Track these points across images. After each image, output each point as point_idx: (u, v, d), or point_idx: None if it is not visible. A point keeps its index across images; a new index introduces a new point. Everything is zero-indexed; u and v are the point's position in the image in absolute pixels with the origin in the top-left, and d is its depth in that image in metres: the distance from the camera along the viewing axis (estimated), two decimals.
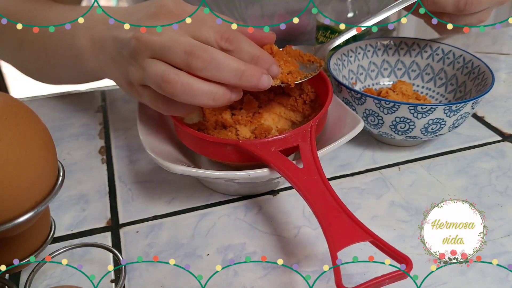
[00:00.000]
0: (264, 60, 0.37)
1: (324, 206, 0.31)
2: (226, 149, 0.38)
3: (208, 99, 0.35)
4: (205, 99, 0.35)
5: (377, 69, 0.54)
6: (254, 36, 0.39)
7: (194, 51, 0.34)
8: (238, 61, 0.35)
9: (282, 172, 0.34)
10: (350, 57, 0.52)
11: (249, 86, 0.36)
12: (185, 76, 0.34)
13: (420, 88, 0.53)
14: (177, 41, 0.34)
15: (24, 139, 0.28)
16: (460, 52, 0.50)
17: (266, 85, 0.36)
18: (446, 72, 0.52)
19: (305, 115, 0.44)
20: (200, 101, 0.35)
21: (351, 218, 0.31)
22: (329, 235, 0.30)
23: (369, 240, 0.30)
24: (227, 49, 0.36)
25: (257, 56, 0.37)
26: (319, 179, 0.33)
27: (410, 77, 0.54)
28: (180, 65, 0.35)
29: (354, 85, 0.53)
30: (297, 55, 0.44)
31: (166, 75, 0.34)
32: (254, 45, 0.37)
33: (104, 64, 0.42)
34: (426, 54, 0.53)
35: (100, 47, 0.42)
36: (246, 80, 0.35)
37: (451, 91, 0.51)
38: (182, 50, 0.34)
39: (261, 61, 0.37)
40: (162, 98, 0.37)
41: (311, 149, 0.36)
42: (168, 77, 0.34)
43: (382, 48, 0.53)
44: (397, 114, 0.42)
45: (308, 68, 0.43)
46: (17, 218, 0.28)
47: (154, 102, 0.38)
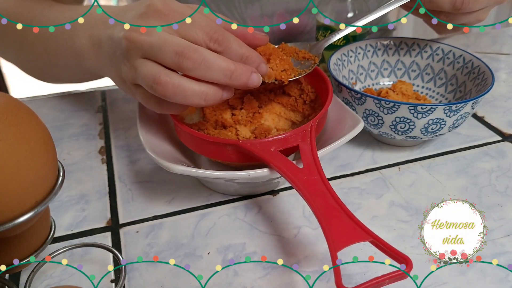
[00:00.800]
0: (253, 59, 0.38)
1: (324, 206, 0.31)
2: (226, 149, 0.38)
3: (200, 99, 0.35)
4: (197, 99, 0.35)
5: (377, 69, 0.54)
6: (246, 37, 0.39)
7: (185, 52, 0.34)
8: (228, 60, 0.35)
9: (282, 172, 0.34)
10: (350, 57, 0.52)
11: (239, 85, 0.36)
12: (176, 77, 0.35)
13: (420, 88, 0.53)
14: (167, 42, 0.35)
15: (24, 139, 0.28)
16: (460, 52, 0.50)
17: (256, 83, 0.37)
18: (446, 72, 0.52)
19: (305, 115, 0.44)
20: (192, 101, 0.35)
21: (351, 218, 0.31)
22: (329, 235, 0.30)
23: (369, 240, 0.30)
24: (216, 50, 0.36)
25: (246, 56, 0.37)
26: (319, 179, 0.33)
27: (410, 77, 0.54)
28: (171, 66, 0.35)
29: (354, 85, 0.53)
30: (293, 52, 0.44)
31: (157, 76, 0.34)
32: (243, 45, 0.38)
33: (102, 63, 0.43)
34: (426, 54, 0.53)
35: (98, 46, 0.42)
36: (236, 79, 0.36)
37: (451, 91, 0.51)
38: (172, 51, 0.34)
39: (250, 60, 0.38)
40: (155, 98, 0.37)
41: (311, 149, 0.36)
42: (160, 79, 0.34)
43: (382, 48, 0.53)
44: (397, 114, 0.42)
45: (302, 65, 0.43)
46: (17, 218, 0.28)
47: (147, 101, 0.38)
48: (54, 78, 0.55)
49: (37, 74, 0.56)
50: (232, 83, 0.36)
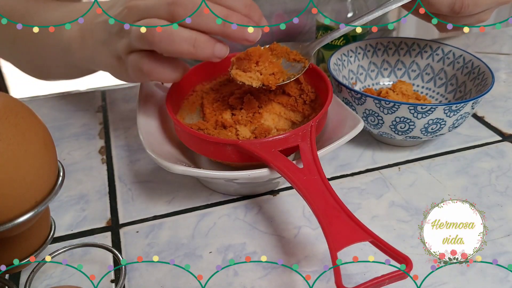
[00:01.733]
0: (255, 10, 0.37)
1: (324, 206, 0.31)
2: (226, 149, 0.38)
3: (188, 44, 0.35)
4: (185, 45, 0.35)
5: (377, 69, 0.54)
6: None
7: (177, 1, 0.35)
8: (223, 8, 0.35)
9: (282, 172, 0.34)
10: (350, 57, 0.52)
11: (235, 36, 0.36)
12: (165, 23, 0.35)
13: (420, 88, 0.53)
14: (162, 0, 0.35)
15: (24, 139, 0.28)
16: (460, 52, 0.50)
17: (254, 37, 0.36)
18: (446, 72, 0.52)
19: (305, 115, 0.44)
20: (179, 47, 0.35)
21: (351, 218, 0.31)
22: (329, 235, 0.30)
23: (369, 240, 0.30)
24: None
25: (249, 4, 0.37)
26: (319, 179, 0.33)
27: (410, 77, 0.54)
28: (164, 17, 0.35)
29: (354, 85, 0.53)
30: (284, 52, 0.44)
31: (147, 23, 0.35)
32: None
33: (92, 50, 0.43)
34: (426, 54, 0.53)
35: (90, 34, 0.43)
36: (231, 31, 0.35)
37: (451, 91, 0.51)
38: (165, 3, 0.35)
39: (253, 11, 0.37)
40: (146, 59, 0.37)
41: (311, 149, 0.36)
42: (149, 25, 0.35)
43: (382, 48, 0.53)
44: (397, 114, 0.42)
45: (293, 68, 0.43)
46: (17, 218, 0.28)
47: (139, 66, 0.38)
48: (44, 74, 0.56)
49: (29, 70, 0.56)
50: (226, 31, 0.35)
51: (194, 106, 0.46)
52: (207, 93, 0.47)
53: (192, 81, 0.47)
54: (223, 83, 0.48)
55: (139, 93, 0.45)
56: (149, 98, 0.46)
